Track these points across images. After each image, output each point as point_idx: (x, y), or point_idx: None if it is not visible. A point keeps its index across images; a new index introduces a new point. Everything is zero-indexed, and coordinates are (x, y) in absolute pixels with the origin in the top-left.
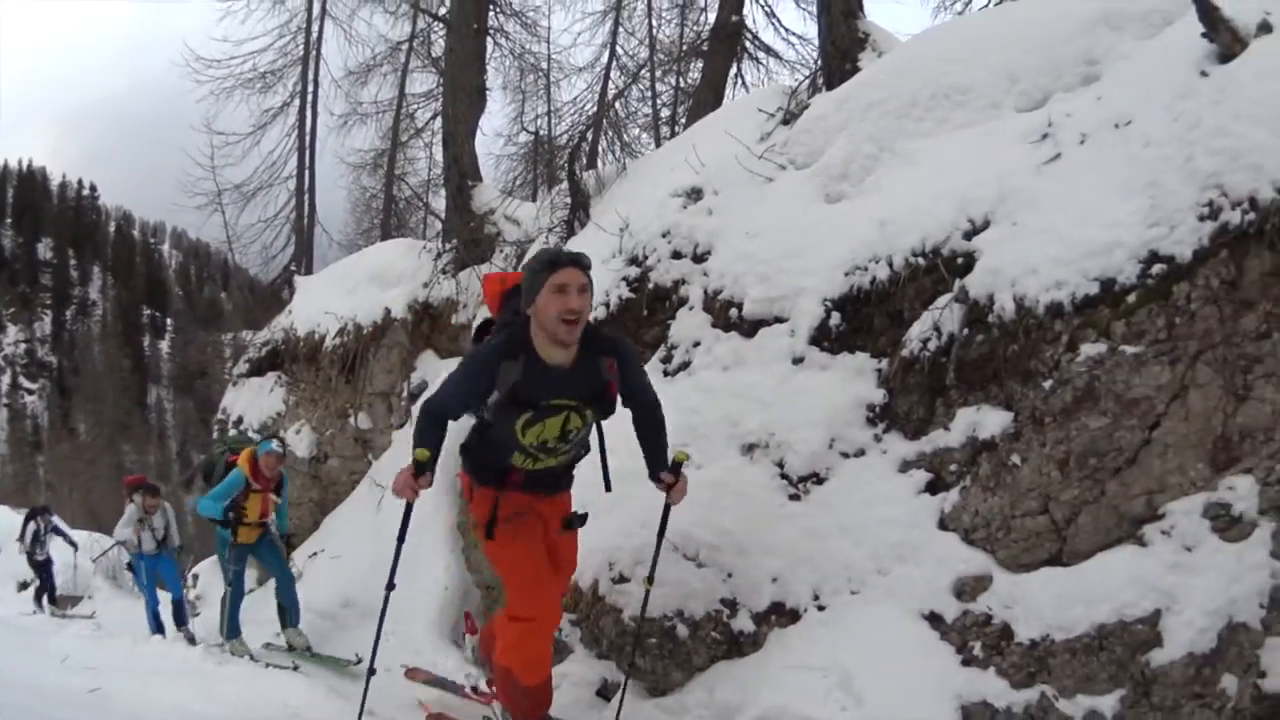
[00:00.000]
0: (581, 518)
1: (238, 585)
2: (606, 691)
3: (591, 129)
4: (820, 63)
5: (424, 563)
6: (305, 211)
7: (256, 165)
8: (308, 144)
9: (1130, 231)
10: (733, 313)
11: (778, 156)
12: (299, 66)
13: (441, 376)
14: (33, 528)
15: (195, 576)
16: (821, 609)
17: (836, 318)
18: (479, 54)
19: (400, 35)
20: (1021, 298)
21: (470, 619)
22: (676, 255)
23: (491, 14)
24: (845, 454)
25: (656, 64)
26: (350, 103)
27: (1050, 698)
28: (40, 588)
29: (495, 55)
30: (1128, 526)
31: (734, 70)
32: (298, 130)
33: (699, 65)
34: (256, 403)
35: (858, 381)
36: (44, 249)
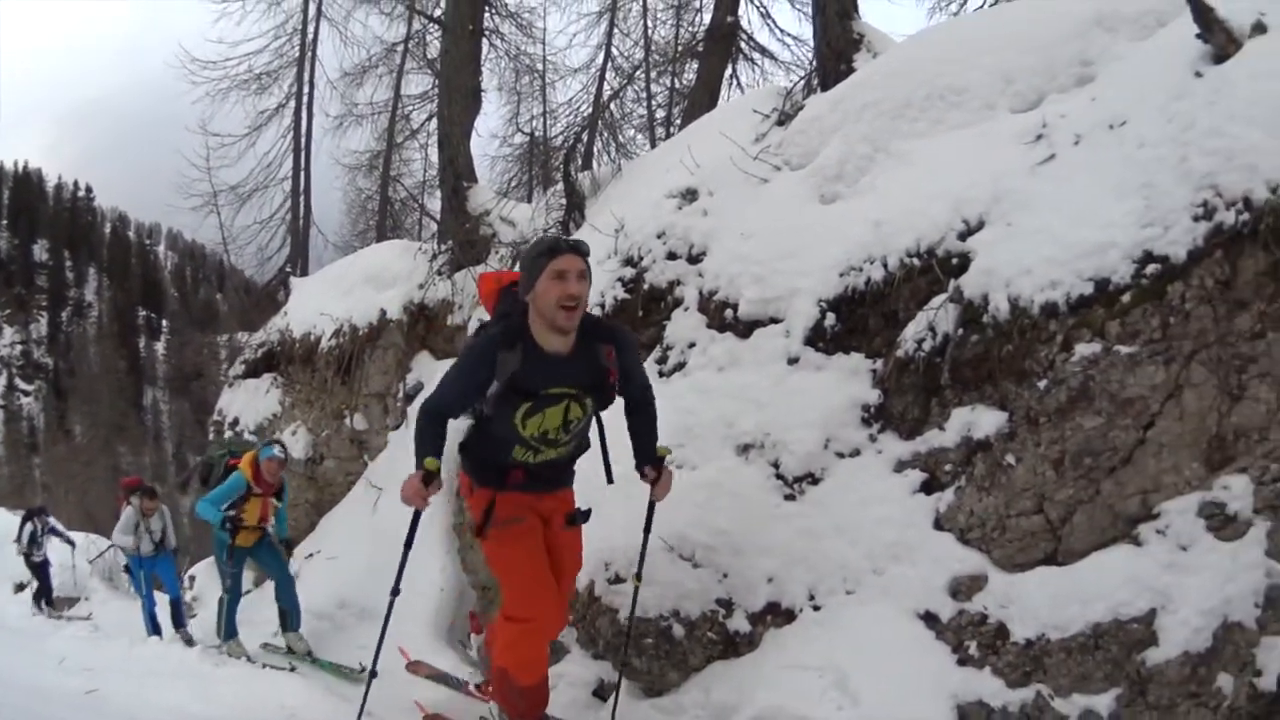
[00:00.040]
0: (585, 514)
1: (235, 587)
2: (603, 692)
3: (587, 130)
4: (815, 63)
5: (420, 564)
6: (301, 213)
7: (252, 167)
8: (303, 145)
9: (1125, 232)
10: (728, 313)
11: (773, 157)
12: (294, 68)
13: (437, 378)
14: (29, 529)
15: (192, 578)
16: (817, 609)
17: (831, 318)
18: (474, 55)
19: (395, 37)
20: (1016, 298)
21: (476, 618)
22: (672, 256)
23: (487, 15)
24: (840, 454)
25: (652, 65)
26: (346, 104)
27: (1046, 697)
28: (38, 589)
29: (490, 57)
30: (1123, 526)
31: (729, 71)
32: (293, 132)
33: (694, 66)
34: (252, 404)
35: (853, 382)
36: (40, 250)
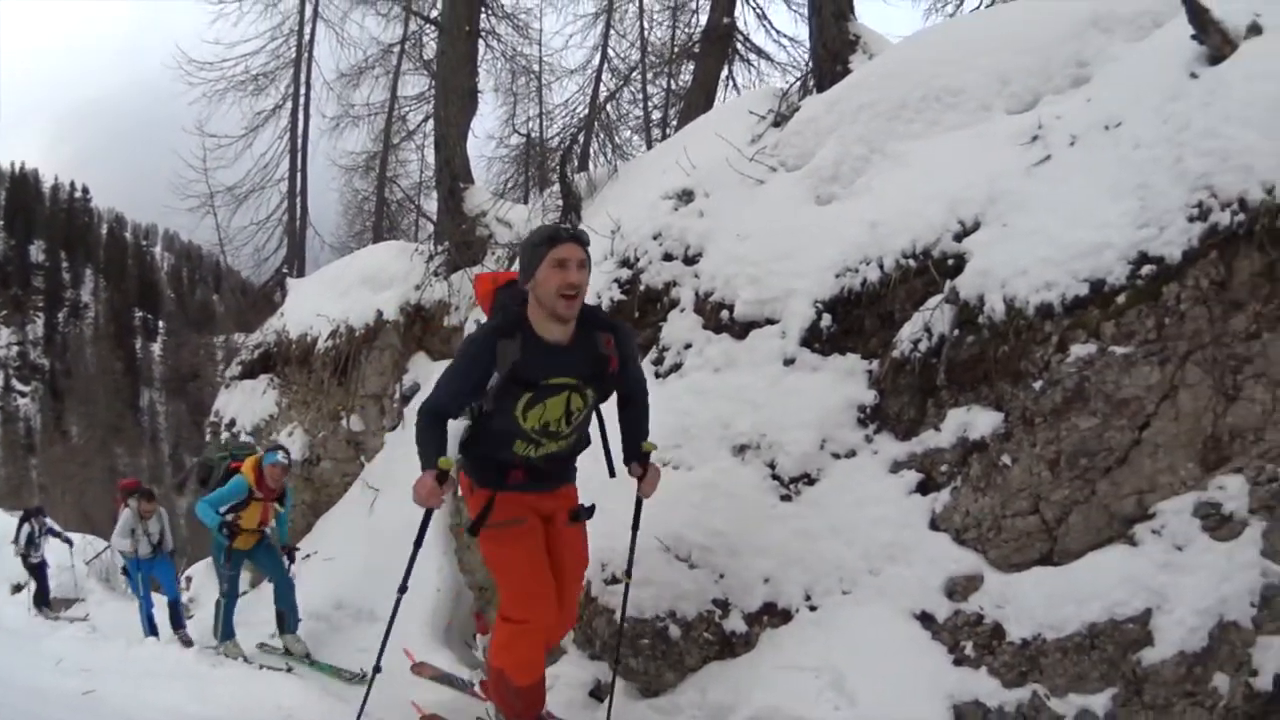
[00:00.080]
0: (588, 510)
1: (232, 589)
2: (599, 692)
3: (583, 131)
4: (811, 65)
5: (418, 564)
6: (297, 214)
7: (249, 168)
8: (300, 146)
9: (1120, 233)
10: (724, 314)
11: (769, 159)
12: (291, 69)
13: (434, 379)
14: (27, 530)
15: (189, 579)
16: (813, 609)
17: (827, 319)
18: (471, 56)
19: (392, 38)
20: (1012, 299)
21: (481, 618)
22: (668, 257)
23: (483, 16)
24: (836, 455)
25: (648, 66)
26: (342, 105)
27: (1042, 697)
28: (37, 591)
29: (487, 58)
30: (1118, 526)
31: (725, 72)
32: (290, 133)
33: (690, 67)
34: (249, 405)
35: (849, 383)
36: (36, 251)
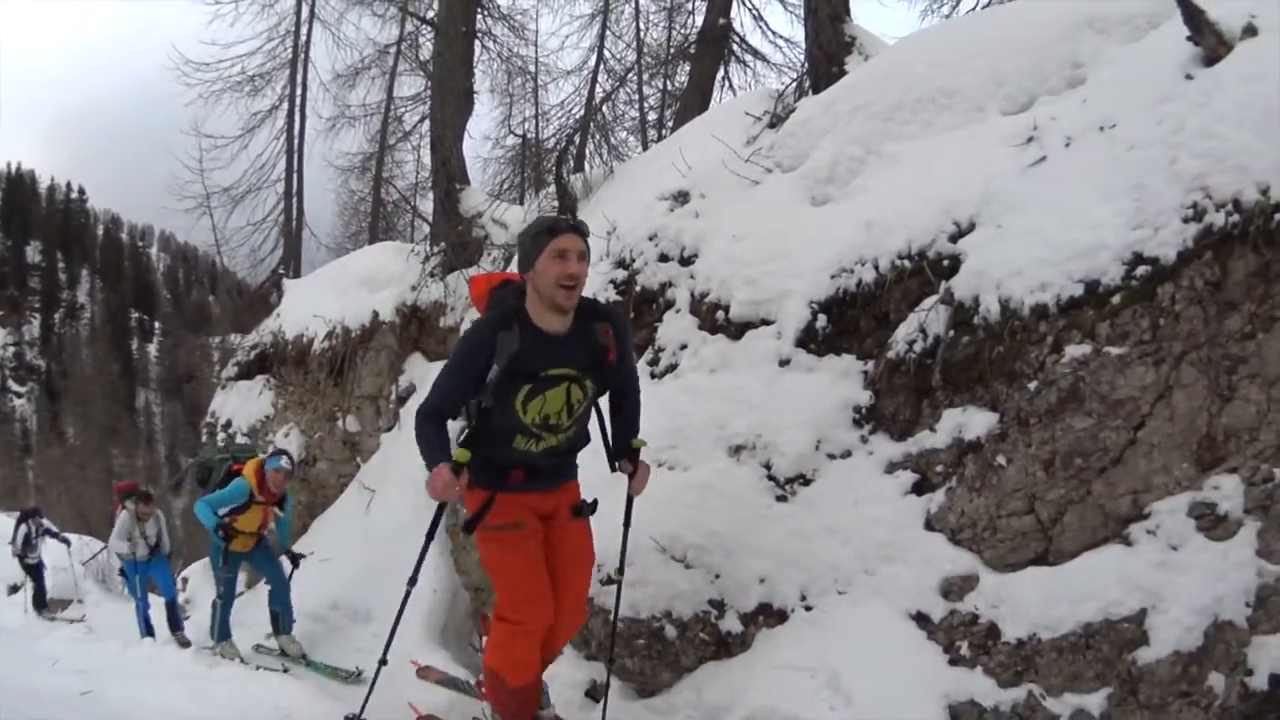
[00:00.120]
0: (591, 506)
1: (229, 590)
2: (595, 693)
3: (579, 132)
4: (807, 66)
5: (411, 565)
6: (293, 215)
7: (245, 168)
8: (296, 147)
9: (1115, 233)
10: (719, 315)
11: (764, 160)
12: (287, 70)
13: (429, 379)
14: (24, 530)
15: (185, 579)
16: (809, 609)
17: (823, 320)
18: (467, 57)
19: (388, 38)
20: (1006, 299)
21: (486, 620)
22: (663, 258)
23: (480, 17)
24: (832, 455)
25: (644, 67)
26: (338, 106)
27: (1037, 696)
28: (36, 592)
29: (483, 58)
30: (1113, 526)
31: (721, 73)
32: (286, 133)
33: (686, 68)
34: (245, 406)
35: (844, 383)
36: (32, 252)
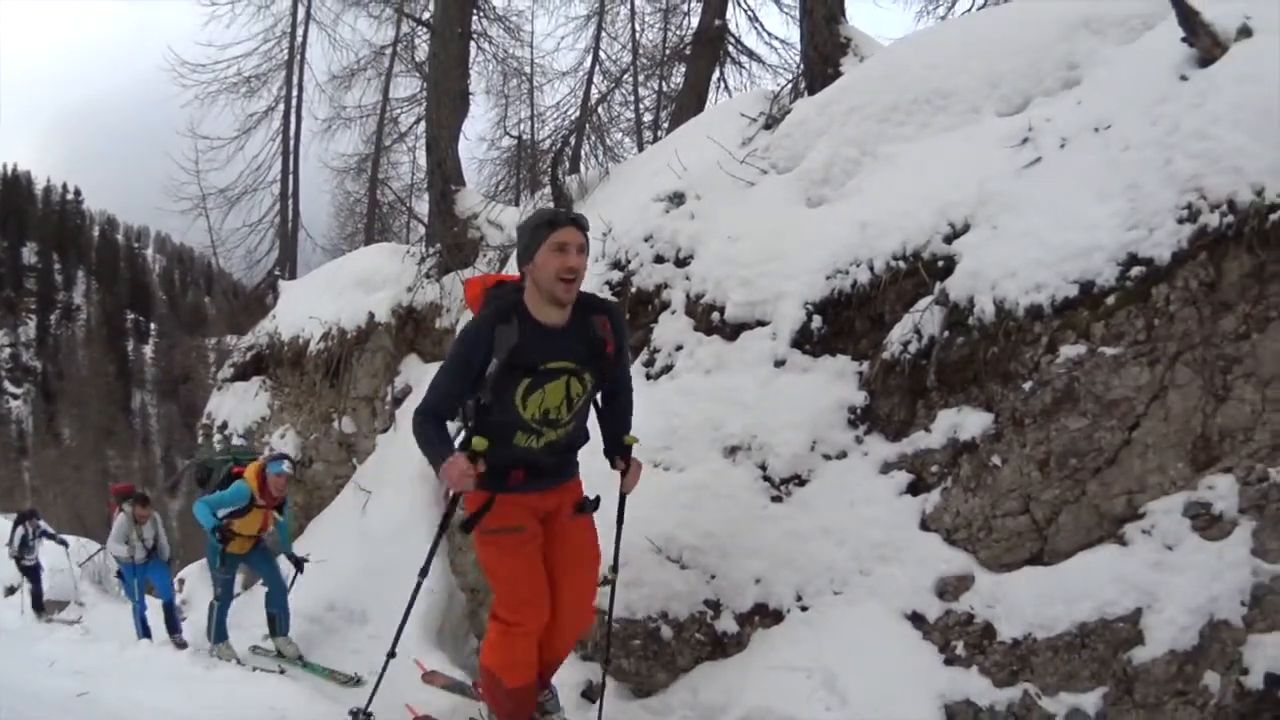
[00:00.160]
0: (594, 502)
1: (226, 592)
2: (592, 693)
3: (574, 133)
4: (802, 67)
5: (408, 567)
6: (289, 216)
7: (241, 170)
8: (292, 148)
9: (1109, 234)
10: (715, 316)
11: (759, 161)
12: (283, 71)
13: (425, 380)
14: (21, 532)
15: (181, 581)
16: (804, 610)
17: (818, 321)
18: (463, 58)
19: (384, 40)
20: (1001, 300)
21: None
22: (659, 259)
23: (475, 18)
24: (827, 456)
25: (639, 68)
26: (334, 107)
27: (1033, 696)
28: (34, 594)
29: (479, 60)
30: (1108, 526)
31: (716, 74)
32: (282, 135)
33: (682, 69)
34: (241, 407)
35: (839, 384)
36: (29, 253)
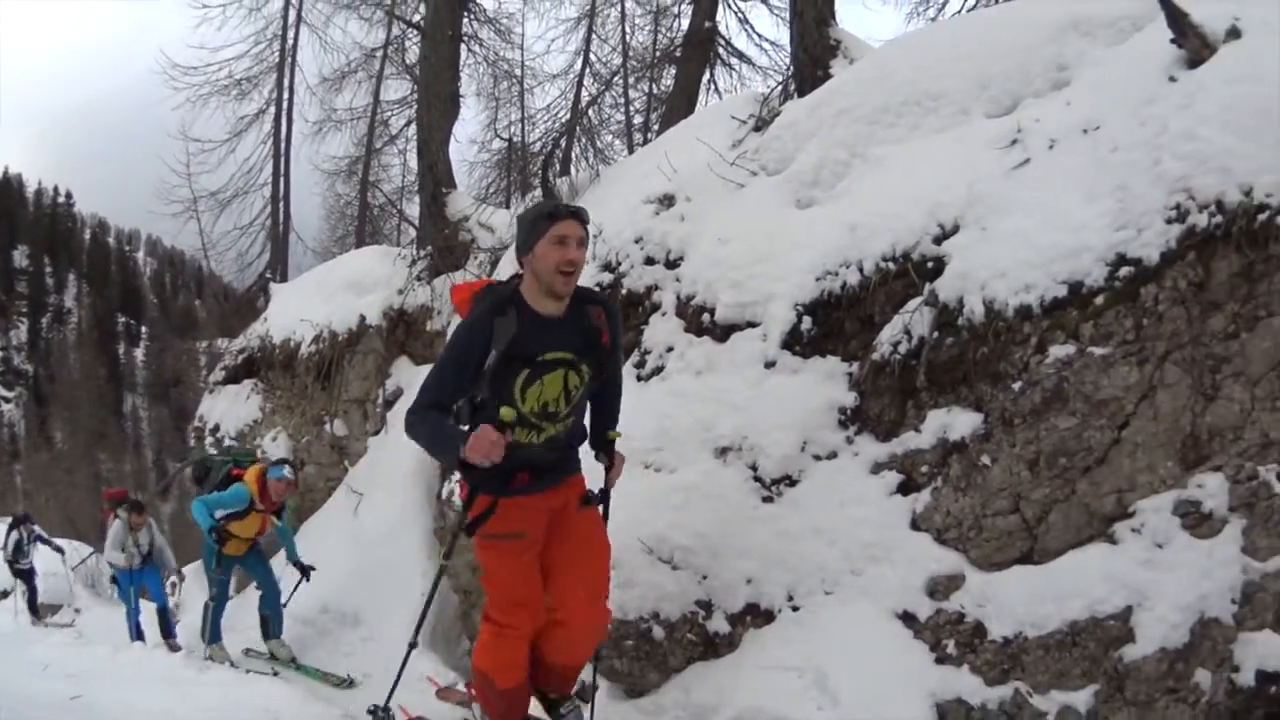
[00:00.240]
0: (599, 495)
1: (221, 592)
2: (584, 693)
3: (565, 136)
4: (792, 69)
5: (401, 569)
6: (280, 219)
7: (232, 172)
8: (283, 151)
9: (1098, 235)
10: (705, 318)
11: (749, 163)
12: (274, 73)
13: (416, 383)
14: (15, 536)
15: (174, 584)
16: (796, 610)
17: (808, 322)
18: (453, 61)
19: (375, 42)
20: (991, 301)
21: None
22: (649, 261)
23: (466, 21)
24: (818, 456)
25: (630, 70)
26: (325, 109)
27: (1024, 694)
28: (29, 598)
29: (469, 62)
30: (1098, 524)
31: (707, 76)
32: (273, 137)
33: (672, 72)
34: (233, 410)
35: (829, 385)
36: (19, 256)
